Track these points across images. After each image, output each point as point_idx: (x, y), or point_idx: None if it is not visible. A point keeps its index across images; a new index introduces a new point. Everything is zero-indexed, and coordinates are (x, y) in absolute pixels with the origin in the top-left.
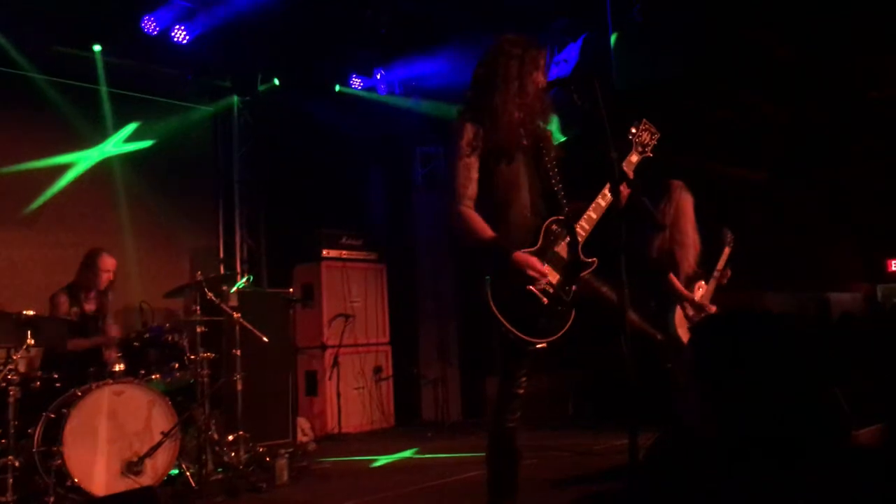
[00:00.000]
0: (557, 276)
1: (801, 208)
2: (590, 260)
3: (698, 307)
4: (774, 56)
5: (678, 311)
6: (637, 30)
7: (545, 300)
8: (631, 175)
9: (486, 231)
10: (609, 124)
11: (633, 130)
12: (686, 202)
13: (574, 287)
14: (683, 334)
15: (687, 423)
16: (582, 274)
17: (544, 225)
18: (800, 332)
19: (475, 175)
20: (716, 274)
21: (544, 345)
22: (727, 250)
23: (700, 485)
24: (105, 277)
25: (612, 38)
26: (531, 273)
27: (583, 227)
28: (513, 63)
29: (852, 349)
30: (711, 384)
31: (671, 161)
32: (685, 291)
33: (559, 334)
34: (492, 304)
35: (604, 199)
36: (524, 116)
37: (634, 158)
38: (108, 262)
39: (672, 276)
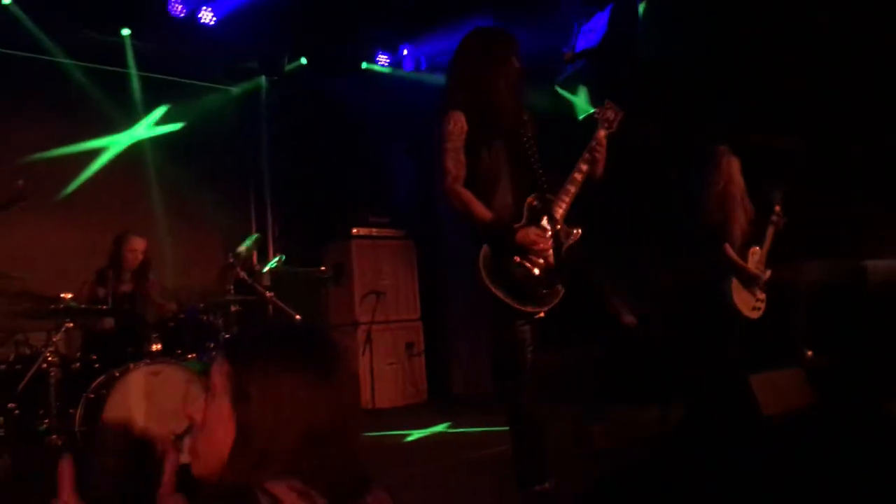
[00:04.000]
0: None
1: (838, 173)
2: (574, 231)
3: (752, 279)
4: (809, 19)
5: (734, 282)
6: None
7: (536, 271)
8: (600, 149)
9: (484, 211)
10: (634, 95)
11: (598, 110)
12: (733, 167)
13: (561, 256)
14: (742, 304)
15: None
16: (567, 243)
17: (526, 202)
18: None
19: (463, 159)
20: (768, 235)
21: (542, 314)
22: (777, 208)
23: (727, 459)
24: (132, 257)
25: (641, 7)
26: (536, 246)
27: (563, 200)
28: (484, 53)
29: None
30: None
31: (700, 131)
32: (741, 262)
33: (554, 302)
34: (486, 280)
35: (580, 173)
36: (501, 102)
37: (601, 134)
38: (134, 242)
39: (727, 247)
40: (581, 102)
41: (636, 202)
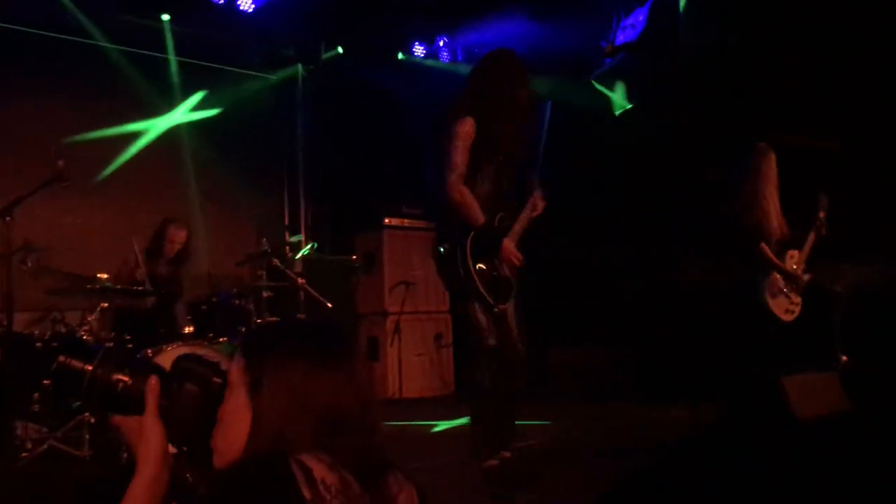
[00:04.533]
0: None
1: (877, 175)
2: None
3: (791, 277)
4: (844, 20)
5: (769, 282)
6: None
7: (500, 275)
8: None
9: (480, 214)
10: (677, 91)
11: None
12: (770, 165)
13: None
14: (775, 306)
15: None
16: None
17: (497, 218)
18: None
19: (468, 159)
20: (809, 241)
21: (498, 308)
22: (822, 214)
23: (757, 462)
24: (170, 247)
25: (682, 2)
26: (513, 258)
27: (516, 231)
28: (506, 80)
29: None
30: None
31: (742, 131)
32: (777, 261)
33: (507, 304)
34: (471, 267)
35: (524, 219)
36: (506, 127)
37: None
38: (175, 234)
39: (764, 246)
40: (618, 98)
41: (670, 199)
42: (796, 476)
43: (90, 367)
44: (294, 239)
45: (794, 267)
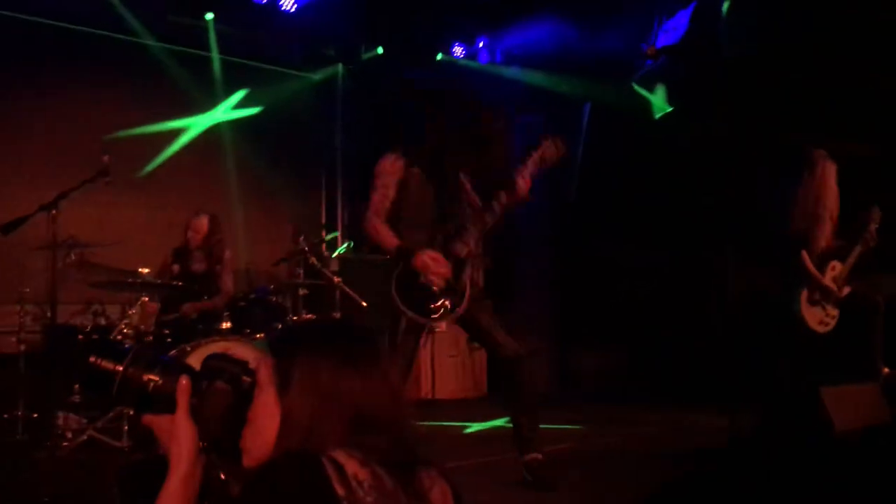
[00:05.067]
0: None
1: None
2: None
3: (825, 292)
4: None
5: (805, 293)
6: None
7: (436, 287)
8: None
9: (392, 239)
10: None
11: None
12: (829, 173)
13: (463, 276)
14: (810, 317)
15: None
16: (465, 268)
17: (438, 231)
18: None
19: (392, 193)
20: (853, 254)
21: (443, 327)
22: (873, 227)
23: (795, 474)
24: (193, 237)
25: (725, 6)
26: (433, 266)
27: (472, 234)
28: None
29: None
30: None
31: (780, 136)
32: (816, 273)
33: (455, 315)
34: (395, 297)
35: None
36: (453, 155)
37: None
38: (194, 224)
39: (805, 255)
40: (658, 101)
41: (710, 203)
42: (833, 489)
43: (121, 368)
44: (329, 237)
45: (834, 278)
